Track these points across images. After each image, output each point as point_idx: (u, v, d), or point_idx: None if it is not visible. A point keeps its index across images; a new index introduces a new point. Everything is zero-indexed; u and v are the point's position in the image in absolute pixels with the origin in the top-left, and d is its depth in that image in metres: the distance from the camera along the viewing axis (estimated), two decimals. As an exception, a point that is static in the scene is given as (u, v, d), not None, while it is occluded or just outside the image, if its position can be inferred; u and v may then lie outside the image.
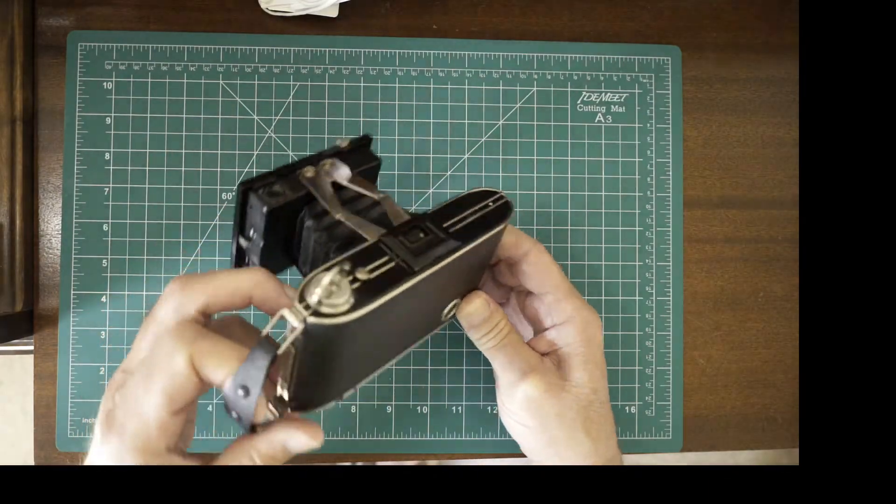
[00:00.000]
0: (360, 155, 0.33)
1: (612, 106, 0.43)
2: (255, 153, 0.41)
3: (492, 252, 0.34)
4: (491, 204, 0.31)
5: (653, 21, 0.44)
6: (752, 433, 0.43)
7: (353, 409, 0.41)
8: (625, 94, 0.43)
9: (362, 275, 0.26)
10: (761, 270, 0.44)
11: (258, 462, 0.28)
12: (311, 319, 0.24)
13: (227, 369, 0.26)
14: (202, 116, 0.41)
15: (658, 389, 0.42)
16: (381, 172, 0.42)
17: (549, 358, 0.36)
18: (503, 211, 0.31)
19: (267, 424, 0.28)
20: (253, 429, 0.28)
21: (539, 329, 0.37)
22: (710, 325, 0.43)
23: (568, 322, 0.35)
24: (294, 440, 0.28)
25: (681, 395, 0.42)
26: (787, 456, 0.92)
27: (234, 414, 0.27)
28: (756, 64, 0.44)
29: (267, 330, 0.26)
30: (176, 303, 0.28)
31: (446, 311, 0.34)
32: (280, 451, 0.28)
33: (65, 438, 0.40)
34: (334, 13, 0.41)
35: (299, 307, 0.24)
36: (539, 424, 0.35)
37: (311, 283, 0.25)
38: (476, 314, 0.34)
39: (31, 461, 0.41)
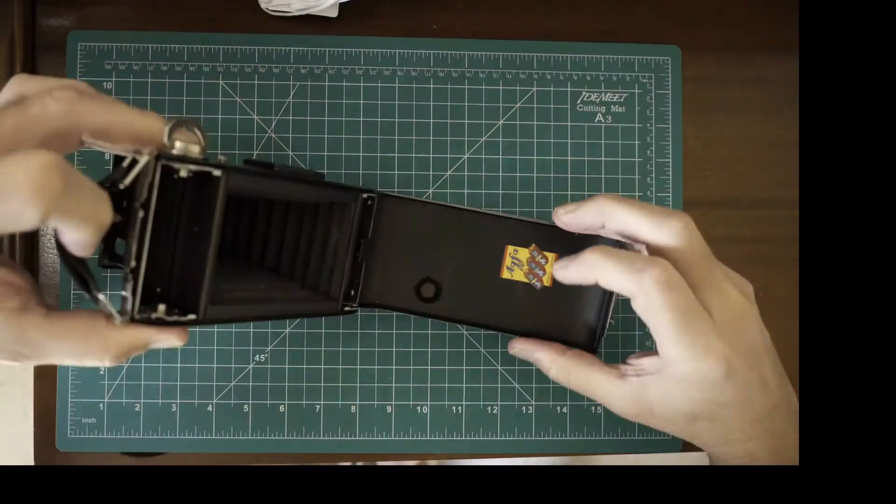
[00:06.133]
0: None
1: (612, 106, 0.43)
2: (255, 153, 0.41)
3: None
4: None
5: (653, 21, 0.44)
6: (752, 433, 0.43)
7: (353, 409, 0.41)
8: (625, 94, 0.43)
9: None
10: (761, 270, 0.44)
11: (108, 357, 0.26)
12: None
13: (95, 236, 0.23)
14: (202, 116, 0.41)
15: (658, 389, 0.42)
16: (381, 173, 0.42)
17: None
18: None
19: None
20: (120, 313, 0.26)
21: None
22: (710, 325, 0.43)
23: None
24: (162, 338, 0.26)
25: (681, 395, 0.42)
26: (787, 456, 0.91)
27: (94, 291, 0.26)
28: (756, 64, 0.44)
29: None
30: (62, 114, 0.24)
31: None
32: (141, 348, 0.26)
33: (65, 438, 0.40)
34: (334, 13, 0.41)
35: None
36: None
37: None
38: None
39: (31, 461, 0.41)
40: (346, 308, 0.36)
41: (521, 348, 0.36)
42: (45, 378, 0.41)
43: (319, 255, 0.35)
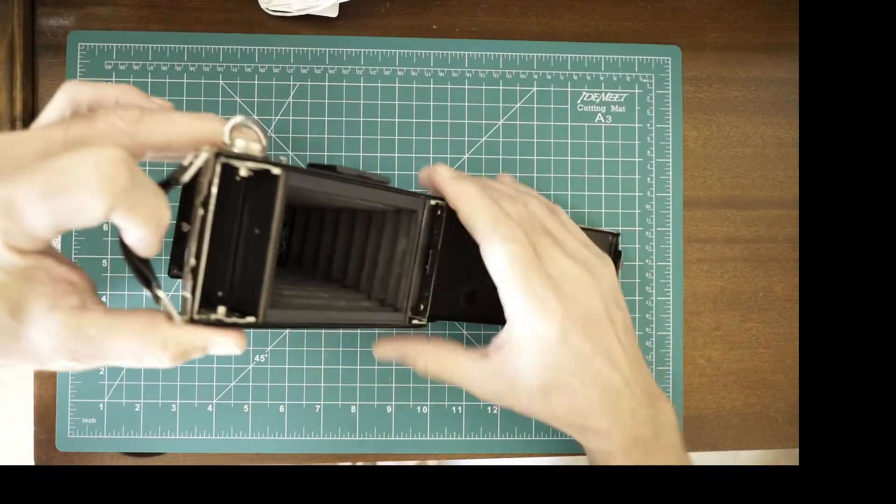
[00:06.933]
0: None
1: (612, 106, 0.43)
2: (255, 153, 0.41)
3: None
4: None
5: (653, 21, 0.44)
6: (752, 433, 0.43)
7: (353, 409, 0.41)
8: (625, 94, 0.43)
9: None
10: (761, 270, 0.44)
11: (167, 356, 0.25)
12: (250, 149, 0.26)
13: (155, 235, 0.24)
14: (202, 116, 0.41)
15: (658, 389, 0.42)
16: (381, 173, 0.42)
17: None
18: None
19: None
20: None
21: None
22: (710, 325, 0.43)
23: None
24: (221, 341, 0.26)
25: (681, 395, 0.42)
26: (786, 456, 0.92)
27: (156, 290, 0.26)
28: (756, 64, 0.44)
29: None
30: (126, 129, 0.25)
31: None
32: (200, 351, 0.26)
33: (65, 438, 0.40)
34: (334, 13, 0.41)
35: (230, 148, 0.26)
36: None
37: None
38: None
39: (31, 461, 0.41)
40: (415, 322, 0.34)
41: (392, 347, 0.36)
42: (45, 378, 0.41)
43: (386, 264, 0.34)
